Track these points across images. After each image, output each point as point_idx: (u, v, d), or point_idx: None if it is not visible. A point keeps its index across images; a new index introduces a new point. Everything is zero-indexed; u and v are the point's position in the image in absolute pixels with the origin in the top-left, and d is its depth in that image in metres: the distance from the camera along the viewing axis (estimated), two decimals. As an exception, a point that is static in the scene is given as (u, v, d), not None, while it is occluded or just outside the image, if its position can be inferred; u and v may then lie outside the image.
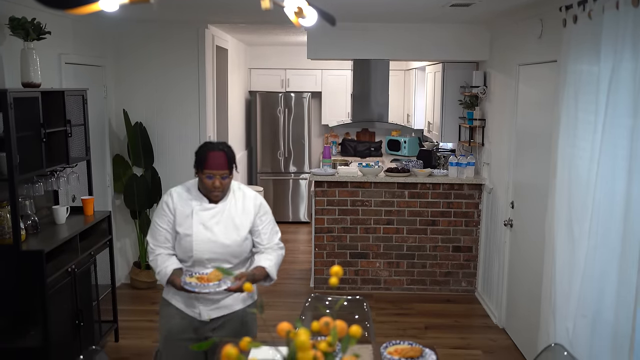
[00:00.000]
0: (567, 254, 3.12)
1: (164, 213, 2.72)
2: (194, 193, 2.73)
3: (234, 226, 2.71)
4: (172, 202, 2.72)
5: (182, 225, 2.69)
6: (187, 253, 2.69)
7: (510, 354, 4.25)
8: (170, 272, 2.65)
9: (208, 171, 2.61)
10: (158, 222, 2.73)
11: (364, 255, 5.54)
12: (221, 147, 2.66)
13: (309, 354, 1.51)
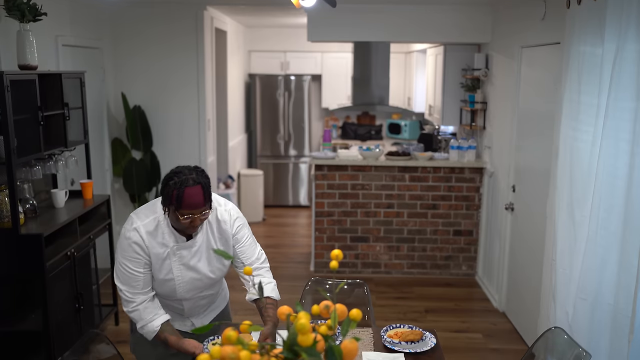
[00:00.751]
0: (568, 238, 3.11)
1: (136, 256, 2.27)
2: (164, 229, 2.31)
3: (217, 257, 2.42)
4: (143, 243, 2.27)
5: (161, 271, 2.32)
6: (169, 295, 2.40)
7: (510, 338, 4.26)
8: (157, 328, 2.32)
9: (186, 212, 2.19)
10: (130, 267, 2.28)
11: (364, 239, 5.54)
12: (197, 180, 2.20)
13: (309, 337, 1.50)
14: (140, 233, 2.27)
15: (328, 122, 8.55)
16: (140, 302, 2.31)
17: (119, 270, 2.30)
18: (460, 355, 3.95)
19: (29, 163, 3.62)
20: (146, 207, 2.38)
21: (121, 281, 2.31)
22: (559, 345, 2.34)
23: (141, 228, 2.28)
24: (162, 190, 2.25)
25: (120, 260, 2.29)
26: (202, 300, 2.53)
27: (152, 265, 2.30)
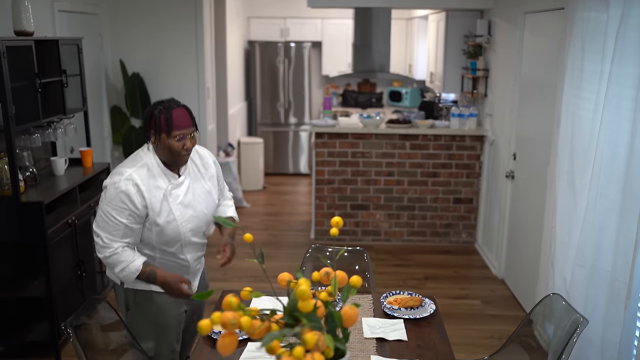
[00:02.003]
0: (567, 205, 3.11)
1: (123, 207, 2.23)
2: (155, 171, 2.31)
3: (207, 192, 2.47)
4: (135, 193, 2.24)
5: (161, 214, 2.29)
6: (174, 240, 2.37)
7: (509, 304, 4.31)
8: (140, 265, 2.28)
9: (178, 132, 2.23)
10: (114, 215, 2.24)
11: (364, 206, 5.55)
12: (179, 103, 2.29)
13: (309, 303, 1.51)
14: (135, 181, 2.25)
15: (328, 89, 8.48)
16: (118, 247, 2.27)
17: (101, 217, 2.27)
18: (459, 321, 4.00)
19: (27, 131, 3.60)
20: (129, 160, 2.35)
21: (100, 227, 2.27)
22: (556, 311, 2.37)
23: (134, 175, 2.26)
24: (148, 122, 2.28)
25: (104, 208, 2.26)
26: (199, 251, 2.53)
27: (151, 212, 2.28)
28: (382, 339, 2.19)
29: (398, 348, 2.13)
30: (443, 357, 2.07)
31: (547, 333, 2.36)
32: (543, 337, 2.39)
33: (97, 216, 2.31)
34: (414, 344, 2.15)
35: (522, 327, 2.50)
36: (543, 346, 2.36)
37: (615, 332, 2.69)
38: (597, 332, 2.85)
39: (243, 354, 2.06)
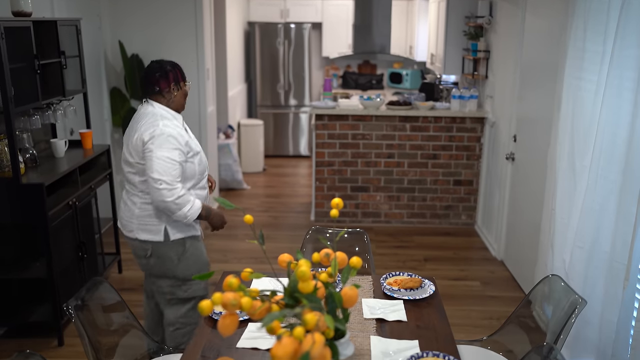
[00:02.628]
0: (567, 187, 3.12)
1: (174, 147, 2.58)
2: (170, 115, 2.71)
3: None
4: (177, 133, 2.62)
5: (192, 148, 2.71)
6: (202, 171, 2.79)
7: (508, 285, 4.33)
8: (200, 204, 2.71)
9: (187, 81, 2.81)
10: (170, 157, 2.57)
11: (364, 188, 5.56)
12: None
13: (309, 284, 1.52)
14: (169, 126, 2.62)
15: (328, 71, 8.44)
16: (180, 187, 2.60)
17: (159, 164, 2.56)
18: (459, 302, 4.03)
19: (27, 112, 3.59)
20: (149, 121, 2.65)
21: (161, 173, 2.56)
22: (555, 292, 2.38)
23: (166, 122, 2.63)
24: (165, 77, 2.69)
25: (159, 154, 2.56)
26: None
27: (188, 145, 2.68)
28: (381, 320, 2.21)
29: (398, 329, 2.14)
30: (442, 337, 2.08)
31: (546, 314, 2.38)
32: (542, 317, 2.41)
33: (154, 166, 2.57)
34: (414, 325, 2.17)
35: (521, 307, 2.52)
36: (541, 327, 2.38)
37: (614, 312, 2.71)
38: (595, 312, 2.87)
39: (244, 335, 2.08)
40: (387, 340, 2.04)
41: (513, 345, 2.47)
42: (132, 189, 2.74)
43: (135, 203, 2.72)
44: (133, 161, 2.66)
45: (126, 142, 2.71)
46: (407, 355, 1.93)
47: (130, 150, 2.66)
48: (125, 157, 2.71)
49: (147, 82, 2.70)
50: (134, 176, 2.69)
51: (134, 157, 2.65)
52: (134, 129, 2.69)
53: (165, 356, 2.45)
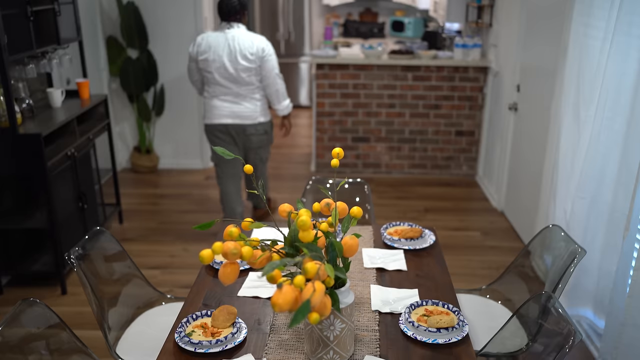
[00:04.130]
0: (571, 137, 3.09)
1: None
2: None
3: None
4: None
5: None
6: None
7: (508, 236, 4.35)
8: None
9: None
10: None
11: (365, 139, 5.52)
12: None
13: (310, 233, 1.51)
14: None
15: (329, 19, 8.25)
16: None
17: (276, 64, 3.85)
18: (458, 252, 4.06)
19: (21, 61, 3.52)
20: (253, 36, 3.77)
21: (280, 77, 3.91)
22: (555, 242, 2.38)
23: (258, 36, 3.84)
24: (243, 8, 3.74)
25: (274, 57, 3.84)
26: None
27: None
28: (382, 269, 2.22)
29: (397, 278, 2.15)
30: (442, 286, 2.10)
31: (545, 263, 2.39)
32: (540, 267, 2.42)
33: (276, 65, 3.79)
34: (414, 274, 2.18)
35: (520, 257, 2.53)
36: (540, 276, 2.40)
37: (612, 262, 2.72)
38: (594, 262, 2.89)
39: (244, 284, 2.09)
40: (387, 289, 2.05)
41: (512, 294, 2.49)
42: (251, 90, 3.80)
43: (257, 98, 3.85)
44: (255, 66, 3.71)
45: (231, 57, 3.67)
46: (406, 304, 1.94)
47: (248, 59, 3.67)
48: (240, 66, 3.68)
49: (232, 11, 3.67)
50: (254, 78, 3.77)
51: (256, 62, 3.70)
52: (237, 43, 3.67)
53: (167, 304, 2.47)
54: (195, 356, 1.68)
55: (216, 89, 3.78)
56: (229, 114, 3.82)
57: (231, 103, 3.80)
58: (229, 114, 3.82)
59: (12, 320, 1.70)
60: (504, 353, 2.04)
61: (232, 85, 3.74)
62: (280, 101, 3.91)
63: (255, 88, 3.79)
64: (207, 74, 3.77)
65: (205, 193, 5.11)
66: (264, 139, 3.96)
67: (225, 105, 3.80)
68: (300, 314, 1.27)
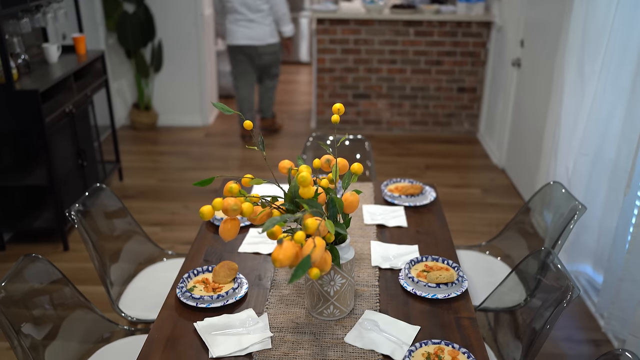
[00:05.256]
0: (575, 93, 3.05)
1: None
2: None
3: None
4: None
5: None
6: None
7: (508, 193, 4.36)
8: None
9: None
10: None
11: (366, 95, 5.47)
12: None
13: (310, 189, 1.50)
14: None
15: (330, -28, 8.06)
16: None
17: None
18: (459, 209, 4.07)
19: (15, 15, 3.45)
20: None
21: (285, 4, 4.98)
22: (555, 199, 2.38)
23: None
24: None
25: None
26: None
27: None
28: (382, 226, 2.22)
29: (398, 234, 2.16)
30: (442, 242, 2.10)
31: (545, 220, 2.39)
32: (540, 224, 2.43)
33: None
34: (414, 230, 2.18)
35: (520, 214, 2.53)
36: (540, 233, 2.40)
37: (613, 218, 2.73)
38: (594, 219, 2.90)
39: (245, 240, 2.10)
40: (387, 245, 2.06)
41: (511, 251, 2.50)
42: (262, 16, 4.81)
43: (267, 23, 4.86)
44: None
45: None
46: (406, 260, 1.95)
47: None
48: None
49: None
50: (265, 5, 4.79)
51: None
52: None
53: (168, 260, 2.49)
54: (196, 311, 1.70)
55: (234, 16, 4.82)
56: (244, 37, 4.84)
57: (246, 28, 4.81)
58: (244, 36, 4.84)
59: (15, 276, 1.71)
60: (503, 308, 2.07)
61: (247, 12, 4.76)
62: (286, 24, 4.97)
63: (265, 15, 4.82)
64: (227, 4, 4.82)
65: (205, 150, 5.09)
66: (273, 57, 5.02)
67: (241, 29, 4.82)
68: (300, 269, 1.27)
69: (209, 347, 1.53)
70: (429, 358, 1.47)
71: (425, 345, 1.52)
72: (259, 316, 1.67)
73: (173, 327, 1.63)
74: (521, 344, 1.82)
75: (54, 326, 1.82)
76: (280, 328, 1.62)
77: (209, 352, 1.52)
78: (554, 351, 2.68)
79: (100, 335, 2.00)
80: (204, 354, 1.52)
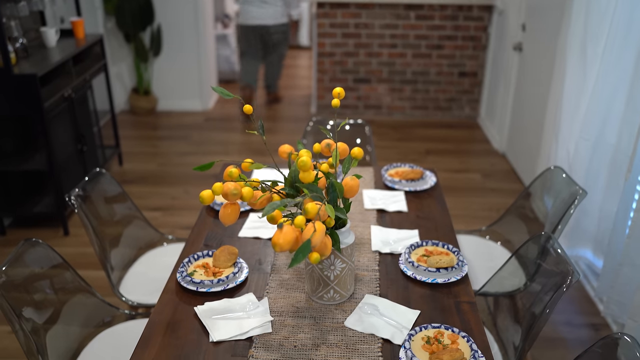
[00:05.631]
0: (577, 76, 3.03)
1: None
2: None
3: None
4: None
5: None
6: None
7: (509, 178, 4.35)
8: None
9: None
10: None
11: (366, 80, 5.44)
12: None
13: (310, 174, 1.49)
14: None
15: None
16: None
17: None
18: (459, 193, 4.07)
19: (12, -2, 3.42)
20: None
21: None
22: (556, 184, 2.37)
23: None
24: None
25: None
26: None
27: None
28: (382, 210, 2.22)
29: (398, 219, 2.16)
30: (442, 227, 2.10)
31: (546, 205, 2.39)
32: (541, 209, 2.42)
33: None
34: (414, 215, 2.18)
35: (520, 199, 2.52)
36: (540, 218, 2.40)
37: (613, 203, 2.72)
38: (595, 203, 2.89)
39: (245, 225, 2.10)
40: (387, 230, 2.06)
41: (511, 236, 2.50)
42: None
43: (279, 4, 5.13)
44: None
45: None
46: (406, 244, 1.95)
47: None
48: None
49: None
50: None
51: None
52: None
53: (168, 245, 2.49)
54: (197, 295, 1.70)
55: None
56: (257, 17, 5.10)
57: (259, 8, 5.07)
58: (257, 16, 5.10)
59: (16, 260, 1.71)
60: (502, 292, 2.07)
61: None
62: (295, 7, 5.29)
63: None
64: None
65: (205, 135, 5.08)
66: (283, 36, 5.31)
67: (254, 9, 5.08)
68: (301, 254, 1.27)
69: (209, 331, 1.54)
70: (429, 342, 1.48)
71: (425, 329, 1.52)
72: (259, 300, 1.67)
73: (174, 311, 1.63)
74: (520, 328, 1.82)
75: (55, 310, 1.82)
76: (281, 312, 1.63)
77: (209, 336, 1.53)
78: (553, 335, 2.69)
79: (102, 320, 2.01)
80: (204, 338, 1.52)
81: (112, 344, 1.92)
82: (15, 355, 2.53)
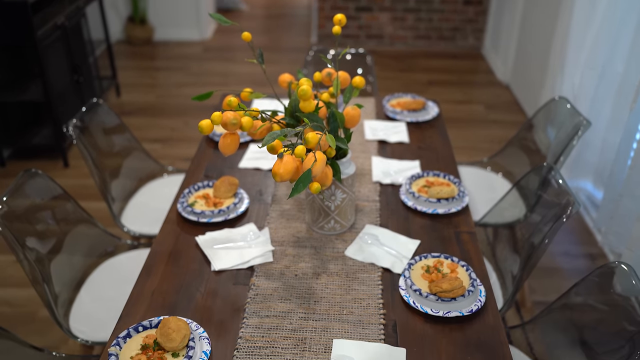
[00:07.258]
0: (585, 5, 2.93)
1: None
2: None
3: None
4: None
5: None
6: None
7: (512, 109, 4.30)
8: None
9: None
10: None
11: (368, 8, 5.28)
12: None
13: (311, 103, 1.46)
14: None
15: None
16: None
17: None
18: (461, 125, 4.03)
19: None
20: None
21: None
22: (560, 115, 2.34)
23: None
24: None
25: None
26: None
27: None
28: (383, 141, 2.20)
29: (399, 150, 2.14)
30: (443, 158, 2.09)
31: (548, 136, 2.36)
32: (543, 140, 2.40)
33: None
34: (415, 146, 2.16)
35: (523, 130, 2.49)
36: (542, 149, 2.38)
37: (617, 134, 2.70)
38: (598, 134, 2.87)
39: (245, 155, 2.08)
40: (388, 161, 2.05)
41: (513, 167, 2.49)
42: None
43: None
44: None
45: None
46: (407, 175, 1.94)
47: None
48: None
49: None
50: None
51: None
52: None
53: (169, 176, 2.49)
54: (198, 225, 1.71)
55: None
56: None
57: None
58: None
59: (16, 191, 1.71)
60: (502, 223, 2.08)
61: None
62: None
63: None
64: None
65: (203, 66, 4.99)
66: None
67: None
68: (301, 184, 1.26)
69: (210, 261, 1.55)
70: (428, 271, 1.49)
71: (424, 258, 1.54)
72: (260, 230, 1.68)
73: (175, 241, 1.65)
74: (519, 257, 1.84)
75: (57, 240, 1.84)
76: (282, 242, 1.64)
77: (211, 265, 1.54)
78: (551, 265, 2.74)
79: (104, 249, 2.03)
80: (206, 267, 1.54)
81: (115, 273, 1.95)
82: (20, 284, 2.58)
